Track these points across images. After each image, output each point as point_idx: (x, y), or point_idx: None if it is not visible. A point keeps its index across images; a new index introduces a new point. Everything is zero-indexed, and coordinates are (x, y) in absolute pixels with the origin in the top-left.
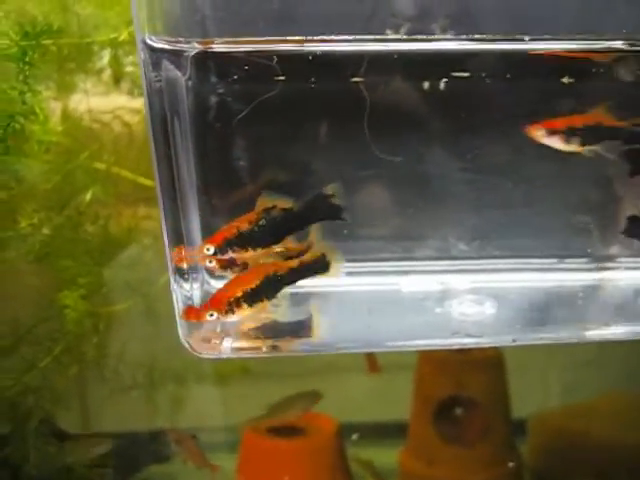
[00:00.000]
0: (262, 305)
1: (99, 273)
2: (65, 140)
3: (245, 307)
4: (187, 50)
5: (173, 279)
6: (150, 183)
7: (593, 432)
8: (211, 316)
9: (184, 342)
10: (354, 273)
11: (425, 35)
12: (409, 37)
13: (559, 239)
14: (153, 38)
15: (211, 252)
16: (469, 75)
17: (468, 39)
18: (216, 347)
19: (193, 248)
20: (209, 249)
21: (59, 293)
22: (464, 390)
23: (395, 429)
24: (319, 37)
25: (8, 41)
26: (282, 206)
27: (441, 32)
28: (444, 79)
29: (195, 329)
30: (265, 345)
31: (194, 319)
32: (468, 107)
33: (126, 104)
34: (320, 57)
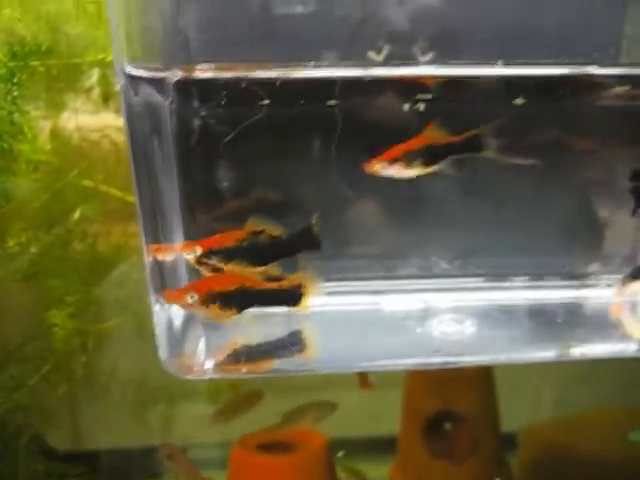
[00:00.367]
0: (230, 312)
1: (88, 291)
2: (54, 159)
3: (215, 307)
4: (169, 77)
5: (154, 299)
6: None
7: (583, 446)
8: (192, 298)
9: (166, 366)
10: (335, 292)
11: (405, 58)
12: (391, 62)
13: (539, 257)
14: (132, 66)
15: (198, 253)
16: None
17: (443, 64)
18: (197, 370)
19: (179, 244)
20: (197, 250)
21: (47, 312)
22: (453, 405)
23: (385, 444)
24: (300, 63)
25: None
26: (270, 232)
27: (421, 54)
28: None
29: (177, 352)
30: (246, 367)
31: (175, 300)
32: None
33: (114, 122)
34: (302, 82)
